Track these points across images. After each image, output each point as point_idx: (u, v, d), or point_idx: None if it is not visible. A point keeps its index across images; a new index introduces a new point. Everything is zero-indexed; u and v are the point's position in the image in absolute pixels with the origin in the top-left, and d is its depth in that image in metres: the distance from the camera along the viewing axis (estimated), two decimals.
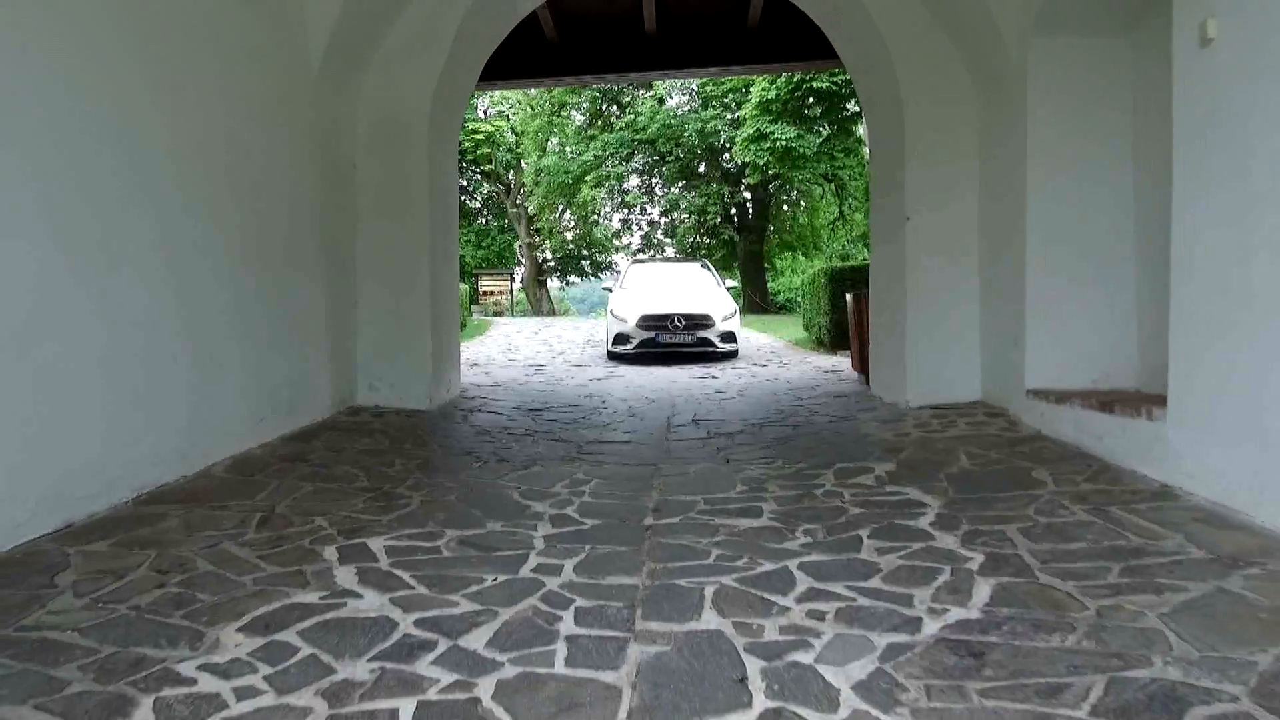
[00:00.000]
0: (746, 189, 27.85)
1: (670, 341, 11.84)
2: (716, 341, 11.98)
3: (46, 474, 3.50)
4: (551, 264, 36.32)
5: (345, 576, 3.10)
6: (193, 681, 2.30)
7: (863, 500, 4.06)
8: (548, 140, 31.76)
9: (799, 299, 17.83)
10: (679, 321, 11.92)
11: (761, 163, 20.39)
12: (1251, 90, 3.51)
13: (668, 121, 26.07)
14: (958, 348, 6.54)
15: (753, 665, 2.37)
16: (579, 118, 31.62)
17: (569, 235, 35.32)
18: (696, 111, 26.77)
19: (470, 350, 12.94)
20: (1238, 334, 3.59)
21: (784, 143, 18.98)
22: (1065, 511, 3.68)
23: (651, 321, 11.95)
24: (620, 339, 12.00)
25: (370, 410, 6.60)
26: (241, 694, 2.23)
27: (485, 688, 2.27)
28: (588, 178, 28.62)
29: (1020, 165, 5.73)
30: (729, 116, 25.56)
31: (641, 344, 11.87)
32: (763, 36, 10.06)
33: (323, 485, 4.40)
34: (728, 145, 25.48)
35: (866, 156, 16.57)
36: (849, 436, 5.72)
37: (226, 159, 4.96)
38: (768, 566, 3.16)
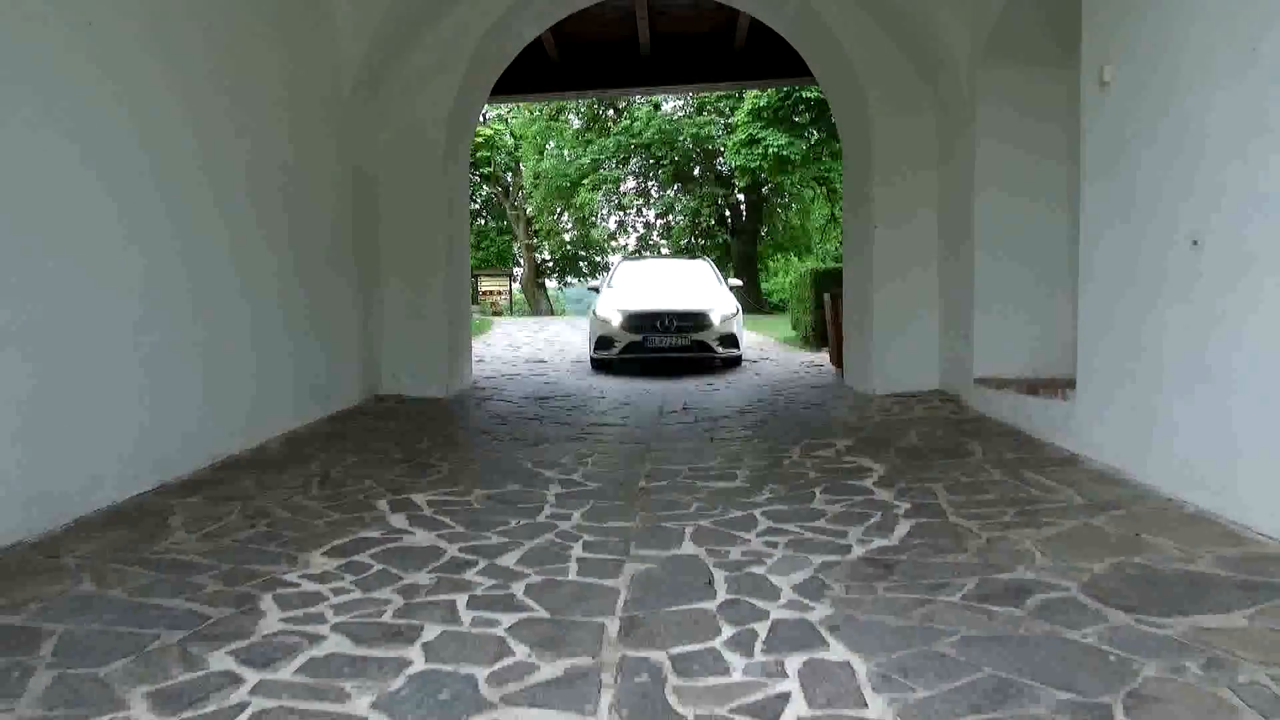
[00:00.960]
0: (740, 191, 28.64)
1: (660, 345, 10.21)
2: (714, 345, 10.35)
3: (154, 443, 4.27)
4: (550, 265, 37.10)
5: (398, 520, 3.86)
6: (297, 585, 3.05)
7: (821, 468, 4.83)
8: (546, 144, 32.51)
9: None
10: (669, 321, 10.30)
11: (753, 167, 21.18)
12: (1135, 125, 4.28)
13: (663, 126, 26.85)
14: (918, 343, 7.32)
15: (718, 575, 3.13)
16: (576, 122, 32.37)
17: (567, 237, 36.11)
18: (691, 116, 27.54)
19: (476, 347, 13.68)
20: (1126, 328, 4.36)
21: (775, 149, 19.77)
22: (985, 474, 4.46)
23: (638, 322, 10.36)
24: (603, 343, 10.46)
25: (394, 398, 7.37)
26: (336, 592, 2.99)
27: (518, 588, 3.03)
28: (585, 181, 29.38)
29: (969, 180, 6.52)
30: (722, 121, 26.35)
31: (627, 348, 10.28)
32: (749, 55, 10.83)
33: (365, 456, 5.16)
34: (721, 149, 26.25)
35: None
36: (819, 419, 6.50)
37: (281, 179, 5.73)
38: (737, 514, 3.93)
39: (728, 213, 29.59)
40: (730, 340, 10.55)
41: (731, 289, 12.09)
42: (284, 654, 2.48)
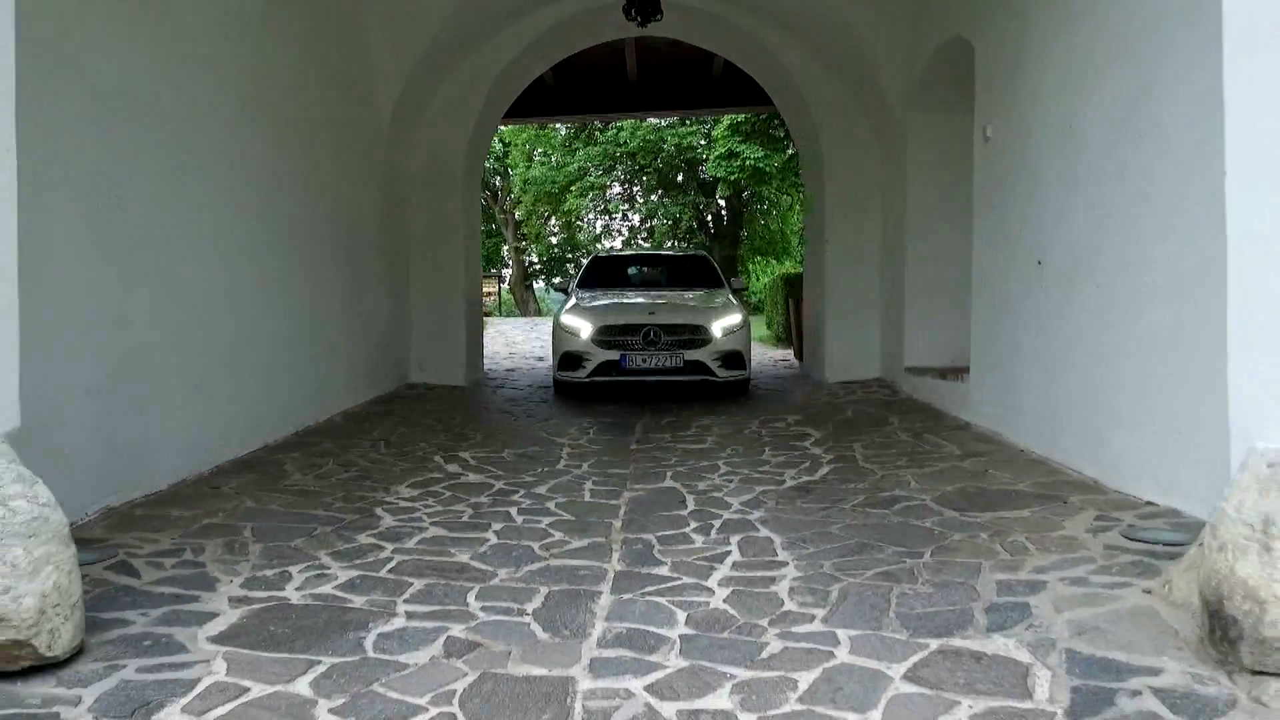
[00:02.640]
0: (721, 198, 30.04)
1: (642, 366, 7.99)
2: (713, 367, 8.02)
3: (260, 413, 5.58)
4: (537, 267, 38.43)
5: (453, 468, 5.19)
6: (395, 503, 4.38)
7: (773, 434, 6.20)
8: (534, 151, 33.82)
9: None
10: (656, 335, 8.01)
11: (732, 178, 22.59)
12: (1005, 171, 5.67)
13: (647, 136, 28.20)
14: (863, 339, 8.72)
15: (689, 497, 4.49)
16: (564, 129, 33.69)
17: (554, 240, 37.47)
18: (674, 127, 28.91)
19: None
20: (998, 326, 5.75)
21: (752, 161, 21.17)
22: (896, 437, 5.84)
23: (615, 335, 8.06)
24: (568, 361, 8.15)
25: (422, 385, 8.69)
26: (424, 507, 4.31)
27: (550, 504, 4.37)
28: (573, 187, 30.71)
29: (902, 205, 7.91)
30: (704, 131, 27.74)
31: (600, 369, 8.01)
32: (726, 83, 12.19)
33: (413, 428, 6.49)
34: (703, 159, 27.65)
35: None
36: (778, 401, 7.88)
37: (336, 206, 7.04)
38: (704, 463, 5.29)
39: (710, 218, 31.01)
40: (734, 360, 8.16)
41: (736, 292, 9.67)
42: (404, 537, 3.81)
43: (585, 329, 8.21)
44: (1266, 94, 2.78)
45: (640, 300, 8.80)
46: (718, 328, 8.20)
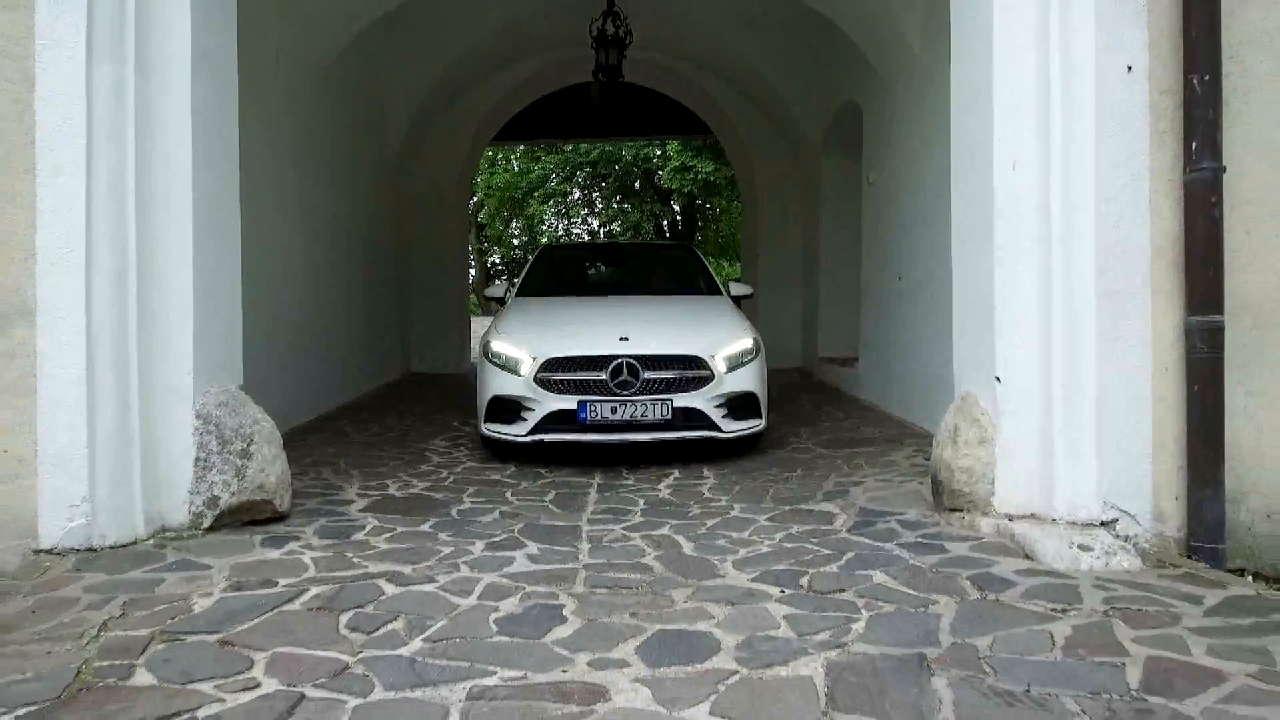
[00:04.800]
0: (676, 204, 31.98)
1: (612, 420, 5.49)
2: (716, 418, 5.62)
3: (316, 389, 7.28)
4: (500, 268, 40.06)
5: (469, 429, 6.95)
6: (438, 449, 6.12)
7: None
8: (497, 158, 35.43)
9: None
10: (631, 371, 5.51)
11: (685, 190, 24.50)
12: (881, 209, 7.59)
13: (607, 147, 29.99)
14: (788, 334, 10.63)
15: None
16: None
17: (516, 242, 39.13)
18: (632, 137, 30.75)
19: None
20: (876, 323, 7.66)
21: (704, 175, 23.10)
22: (803, 409, 7.73)
23: (571, 370, 5.55)
24: (501, 409, 5.67)
25: (423, 374, 10.42)
26: (458, 450, 6.06)
27: (555, 455, 6.17)
28: (535, 194, 32.40)
29: (816, 228, 9.83)
30: (660, 143, 29.62)
31: (549, 422, 5.53)
32: (678, 111, 14.01)
33: (427, 404, 8.23)
34: (659, 168, 29.55)
35: None
36: None
37: (357, 222, 8.74)
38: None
39: (666, 223, 32.92)
40: (746, 405, 5.74)
41: (738, 301, 6.99)
42: (452, 466, 5.57)
43: (525, 361, 5.52)
44: (969, 144, 4.66)
45: (606, 316, 6.06)
46: (722, 358, 5.59)
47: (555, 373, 5.47)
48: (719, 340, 5.75)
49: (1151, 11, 3.60)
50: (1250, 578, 3.36)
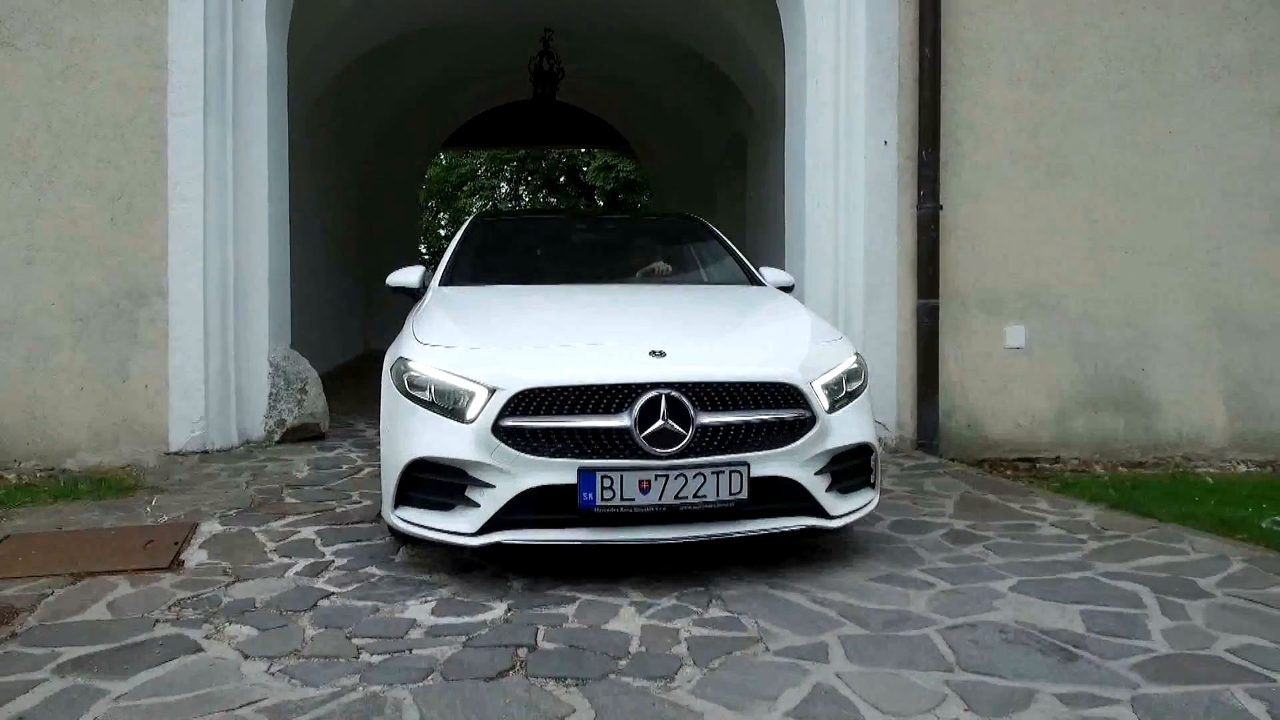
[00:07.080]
0: (600, 199, 33.87)
1: (645, 505, 2.88)
2: (818, 494, 3.11)
3: (325, 349, 9.00)
4: (426, 258, 41.35)
5: None
6: None
7: None
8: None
9: None
10: (670, 409, 2.87)
11: (608, 188, 26.42)
12: (761, 221, 9.66)
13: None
14: None
15: None
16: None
17: (443, 232, 40.50)
18: (564, 148, 32.48)
19: None
20: None
21: (625, 174, 25.04)
22: None
23: (563, 412, 2.92)
24: (430, 483, 3.11)
25: (379, 350, 12.12)
26: None
27: None
28: (465, 186, 33.88)
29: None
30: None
31: (520, 506, 2.93)
32: (607, 127, 15.90)
33: None
34: (584, 166, 31.39)
35: None
36: None
37: (338, 220, 10.42)
38: None
39: None
40: (856, 468, 3.33)
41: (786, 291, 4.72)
42: None
43: (476, 395, 3.02)
44: (792, 186, 6.69)
45: (609, 316, 3.78)
46: (820, 386, 3.21)
47: (533, 416, 2.93)
48: (807, 358, 3.29)
49: (899, 107, 5.67)
50: (951, 461, 5.48)
